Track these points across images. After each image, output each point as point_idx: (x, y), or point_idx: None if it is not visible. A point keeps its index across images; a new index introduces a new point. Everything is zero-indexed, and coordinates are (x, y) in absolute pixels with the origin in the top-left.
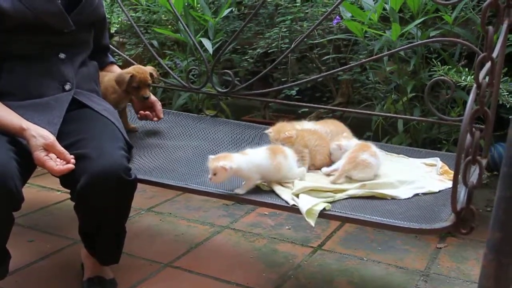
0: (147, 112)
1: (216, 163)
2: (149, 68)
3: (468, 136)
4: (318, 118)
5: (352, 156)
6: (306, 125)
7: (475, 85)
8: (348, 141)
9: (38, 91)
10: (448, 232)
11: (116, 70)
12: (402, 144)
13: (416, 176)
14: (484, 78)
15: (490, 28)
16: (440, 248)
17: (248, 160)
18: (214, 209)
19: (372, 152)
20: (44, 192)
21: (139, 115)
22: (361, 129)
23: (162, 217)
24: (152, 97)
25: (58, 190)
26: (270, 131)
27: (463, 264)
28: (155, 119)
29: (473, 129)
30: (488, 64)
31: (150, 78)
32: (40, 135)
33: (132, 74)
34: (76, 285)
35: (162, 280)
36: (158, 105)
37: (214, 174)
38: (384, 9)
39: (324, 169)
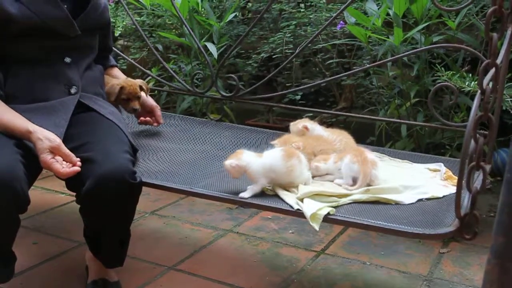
0: (148, 118)
1: (225, 162)
2: (139, 81)
3: (472, 141)
4: (321, 122)
5: (363, 158)
6: (317, 128)
7: (479, 91)
8: (325, 163)
9: (44, 94)
10: (451, 237)
11: (117, 73)
12: (406, 149)
13: (420, 181)
14: (488, 84)
15: (495, 35)
16: (443, 253)
17: (260, 162)
18: (217, 213)
19: (369, 152)
20: (48, 194)
21: (139, 121)
22: (364, 134)
23: (166, 220)
24: (152, 102)
25: (63, 193)
26: (276, 142)
27: (466, 269)
28: (155, 124)
29: (477, 135)
30: (492, 70)
31: (139, 91)
32: (46, 137)
33: (122, 86)
34: None
35: (166, 283)
36: (158, 110)
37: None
38: (388, 14)
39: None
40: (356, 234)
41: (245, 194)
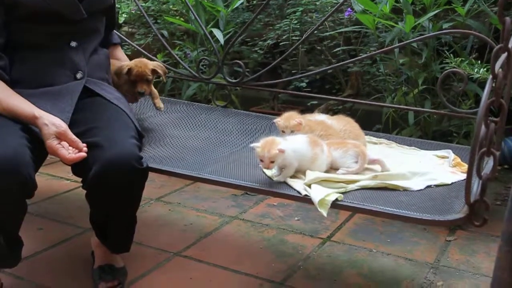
0: None
1: (273, 151)
2: (154, 63)
3: (483, 127)
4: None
5: (353, 143)
6: (318, 117)
7: (490, 76)
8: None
9: (50, 80)
10: (458, 225)
11: (119, 53)
12: (412, 137)
13: (428, 168)
14: (500, 69)
15: (507, 19)
16: (450, 241)
17: (291, 147)
18: (223, 200)
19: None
20: (53, 180)
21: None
22: (371, 121)
23: (171, 207)
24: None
25: (68, 179)
26: (279, 119)
27: (473, 257)
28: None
29: (488, 121)
30: (504, 55)
31: (150, 73)
32: (52, 123)
33: (130, 67)
34: (85, 273)
35: (171, 269)
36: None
37: (272, 162)
38: (396, 1)
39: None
40: (362, 222)
41: (280, 178)
